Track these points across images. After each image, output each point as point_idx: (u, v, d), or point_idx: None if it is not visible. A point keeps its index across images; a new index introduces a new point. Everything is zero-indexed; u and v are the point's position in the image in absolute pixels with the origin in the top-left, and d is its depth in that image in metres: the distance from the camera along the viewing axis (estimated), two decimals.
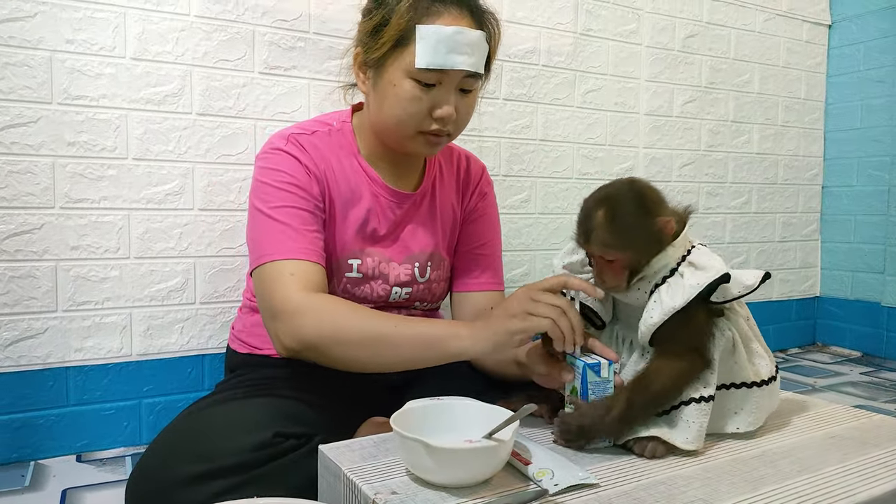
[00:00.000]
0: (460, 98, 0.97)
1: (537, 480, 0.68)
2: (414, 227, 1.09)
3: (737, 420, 0.83)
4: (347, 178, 1.04)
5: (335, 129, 1.06)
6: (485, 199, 1.17)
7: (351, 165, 1.05)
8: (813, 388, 1.91)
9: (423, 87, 0.94)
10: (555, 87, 1.84)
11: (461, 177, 1.16)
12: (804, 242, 2.44)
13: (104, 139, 1.34)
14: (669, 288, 0.79)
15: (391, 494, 0.66)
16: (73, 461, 1.32)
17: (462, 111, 0.98)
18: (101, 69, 1.33)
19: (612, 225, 0.78)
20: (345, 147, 1.05)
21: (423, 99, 0.95)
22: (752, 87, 2.24)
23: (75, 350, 1.34)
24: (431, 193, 1.12)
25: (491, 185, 1.21)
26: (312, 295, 0.90)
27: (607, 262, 0.81)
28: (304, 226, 0.96)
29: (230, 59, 1.43)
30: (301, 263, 0.92)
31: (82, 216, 1.33)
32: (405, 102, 0.95)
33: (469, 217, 1.16)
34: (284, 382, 0.97)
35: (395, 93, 0.96)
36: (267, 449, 0.80)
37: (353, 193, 1.04)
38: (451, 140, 1.03)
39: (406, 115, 0.96)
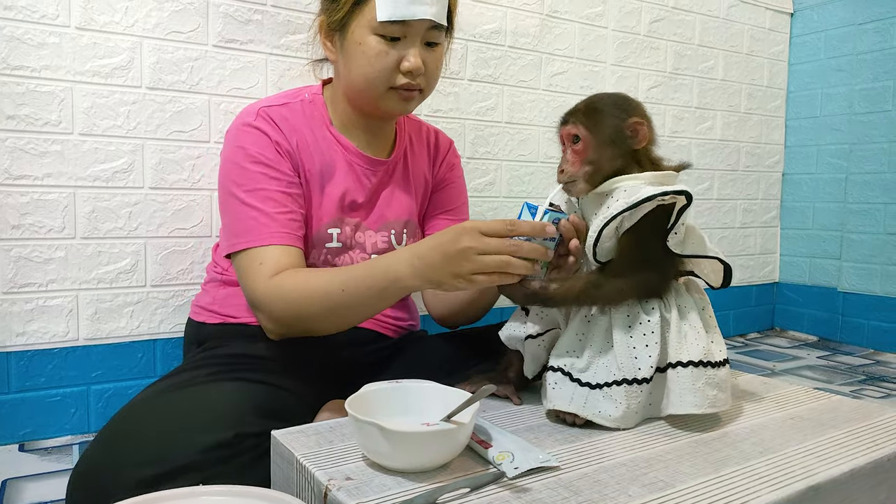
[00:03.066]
0: (427, 51, 0.98)
1: (497, 464, 0.66)
2: (389, 195, 1.10)
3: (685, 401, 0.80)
4: (321, 149, 1.04)
5: (307, 101, 1.06)
6: (453, 171, 1.19)
7: (324, 136, 1.04)
8: (772, 371, 1.94)
9: (388, 41, 0.94)
10: (521, 69, 1.82)
11: (430, 148, 1.18)
12: (764, 229, 2.47)
13: (47, 113, 1.27)
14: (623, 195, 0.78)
15: (345, 480, 0.63)
16: (16, 450, 1.26)
17: (430, 65, 0.98)
18: (43, 38, 1.25)
19: (587, 106, 0.83)
20: (317, 118, 1.05)
21: (389, 53, 0.95)
22: (717, 74, 2.25)
23: (17, 334, 1.27)
24: (404, 161, 1.12)
25: (458, 158, 1.23)
26: (275, 280, 0.92)
27: (573, 148, 0.82)
28: (276, 209, 0.96)
29: (182, 31, 1.36)
30: (270, 249, 0.94)
31: (24, 193, 1.26)
32: (372, 59, 0.95)
33: (438, 186, 1.18)
34: (256, 360, 0.94)
35: (361, 51, 0.96)
36: (226, 449, 0.75)
37: (328, 165, 1.04)
38: (424, 97, 1.03)
39: (375, 71, 0.96)
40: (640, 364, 0.78)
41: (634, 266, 0.80)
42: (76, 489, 0.73)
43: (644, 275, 0.80)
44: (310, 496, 0.65)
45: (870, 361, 2.08)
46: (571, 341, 0.82)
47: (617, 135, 0.81)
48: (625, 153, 0.82)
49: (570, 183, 0.82)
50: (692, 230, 0.84)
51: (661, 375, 0.80)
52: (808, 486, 0.66)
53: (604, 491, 0.62)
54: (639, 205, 0.76)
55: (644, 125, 0.82)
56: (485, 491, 0.61)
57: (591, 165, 0.81)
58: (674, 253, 0.80)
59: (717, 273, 0.86)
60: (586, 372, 0.80)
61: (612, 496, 0.61)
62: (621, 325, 0.80)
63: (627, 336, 0.79)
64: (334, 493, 0.61)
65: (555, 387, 0.80)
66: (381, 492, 0.61)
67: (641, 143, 0.82)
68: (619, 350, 0.79)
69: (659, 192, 0.76)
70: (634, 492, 0.63)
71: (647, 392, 0.79)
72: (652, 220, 0.78)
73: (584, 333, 0.82)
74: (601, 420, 0.78)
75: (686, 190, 0.77)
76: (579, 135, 0.81)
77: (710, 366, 0.79)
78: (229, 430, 0.75)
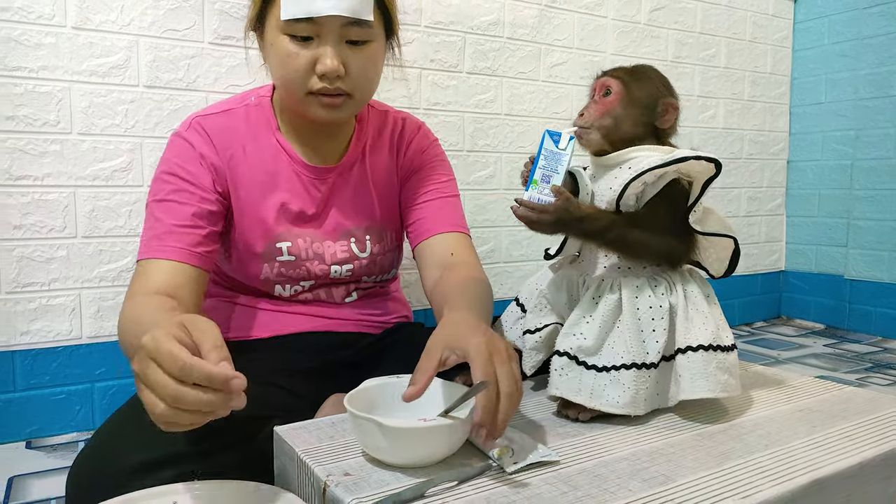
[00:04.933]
0: (351, 51, 0.87)
1: (496, 459, 0.66)
2: (345, 201, 1.02)
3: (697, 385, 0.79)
4: (264, 159, 0.97)
5: (252, 104, 0.99)
6: (423, 153, 1.08)
7: (269, 144, 0.98)
8: (776, 360, 1.94)
9: (299, 41, 0.86)
10: (519, 61, 1.81)
11: (395, 138, 1.08)
12: (769, 217, 2.46)
13: (46, 113, 1.27)
14: (637, 165, 0.77)
15: (344, 476, 0.63)
16: (23, 448, 1.27)
17: (355, 66, 0.88)
18: (40, 39, 1.25)
19: (633, 67, 0.83)
20: (263, 124, 0.98)
21: (300, 55, 0.86)
22: (719, 62, 2.23)
23: (21, 333, 1.28)
24: (361, 163, 1.04)
25: (431, 139, 1.10)
26: (137, 298, 0.84)
27: (602, 100, 0.81)
28: (177, 221, 0.89)
29: (178, 29, 1.36)
30: (154, 263, 0.87)
31: (24, 194, 1.27)
32: (284, 60, 0.87)
33: (408, 173, 1.08)
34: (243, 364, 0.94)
35: (275, 52, 0.88)
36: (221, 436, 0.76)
37: (271, 175, 0.97)
38: (357, 103, 0.92)
39: (288, 74, 0.87)
40: (648, 348, 0.78)
41: (660, 230, 0.79)
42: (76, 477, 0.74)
43: (669, 240, 0.79)
44: (310, 492, 0.65)
45: (877, 349, 2.07)
46: (578, 324, 0.81)
47: (649, 103, 0.81)
48: (647, 124, 0.81)
49: (585, 129, 0.81)
50: (710, 211, 0.83)
51: (668, 364, 0.80)
52: (813, 479, 0.65)
53: (603, 485, 0.62)
54: (672, 164, 0.76)
55: (676, 110, 0.83)
56: (483, 485, 0.61)
57: (613, 120, 0.80)
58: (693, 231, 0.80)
59: (723, 262, 0.85)
60: (594, 355, 0.79)
61: (611, 490, 0.61)
62: (630, 307, 0.79)
63: (636, 318, 0.78)
64: (332, 489, 0.61)
65: (561, 373, 0.79)
66: (379, 487, 0.61)
67: (666, 123, 0.82)
68: (628, 332, 0.78)
69: (693, 154, 0.75)
70: (635, 486, 0.62)
71: (654, 378, 0.78)
72: (673, 193, 0.78)
73: (591, 316, 0.81)
74: (609, 408, 0.77)
75: (716, 158, 0.77)
76: (612, 88, 0.81)
77: (720, 350, 0.78)
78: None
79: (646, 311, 0.78)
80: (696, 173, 0.78)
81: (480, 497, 0.59)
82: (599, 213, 0.78)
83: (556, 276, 0.89)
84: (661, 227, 0.79)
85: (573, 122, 0.83)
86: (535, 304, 0.89)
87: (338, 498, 0.59)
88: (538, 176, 0.78)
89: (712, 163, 0.76)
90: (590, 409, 0.78)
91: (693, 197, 0.78)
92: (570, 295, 0.87)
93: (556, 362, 0.80)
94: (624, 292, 0.80)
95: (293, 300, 1.03)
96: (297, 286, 1.02)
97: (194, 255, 0.89)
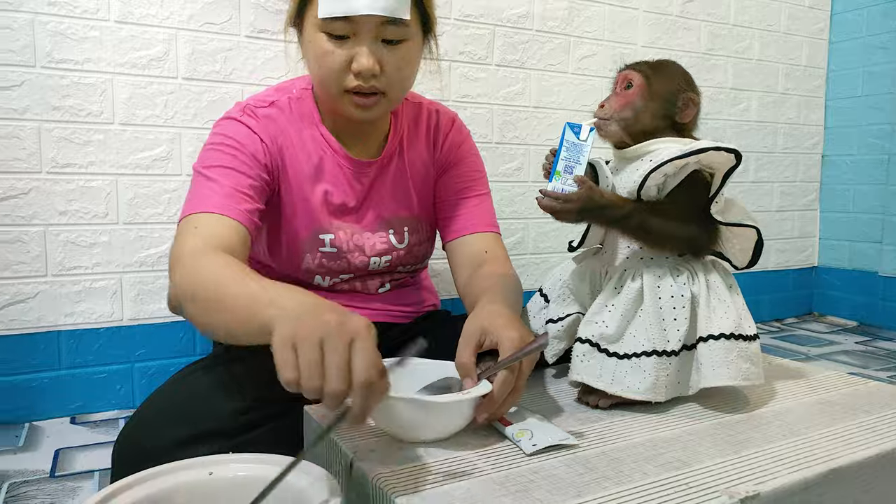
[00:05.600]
0: (386, 50, 0.88)
1: (516, 440, 0.68)
2: (384, 194, 1.04)
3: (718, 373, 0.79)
4: (308, 151, 0.99)
5: (294, 97, 1.00)
6: (459, 148, 1.10)
7: (312, 137, 0.99)
8: (806, 356, 1.92)
9: (336, 39, 0.87)
10: (549, 53, 1.81)
11: (431, 131, 1.09)
12: (802, 212, 2.42)
13: (90, 104, 1.32)
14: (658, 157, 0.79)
15: (369, 452, 0.66)
16: (68, 423, 1.33)
17: (390, 65, 0.89)
18: (85, 32, 1.31)
19: (656, 61, 0.85)
20: (306, 117, 0.99)
21: (336, 53, 0.87)
22: (752, 54, 2.20)
23: (66, 314, 1.34)
24: (399, 156, 1.06)
25: (465, 133, 1.12)
26: (200, 248, 0.80)
27: (623, 93, 0.83)
28: (235, 185, 0.88)
29: (216, 23, 1.40)
30: (212, 217, 0.84)
31: (70, 181, 1.32)
32: (321, 59, 0.88)
33: (444, 167, 1.10)
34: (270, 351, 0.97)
35: (312, 50, 0.89)
36: (247, 415, 0.80)
37: (315, 168, 0.99)
38: (391, 101, 0.93)
39: (324, 72, 0.89)
40: (669, 336, 0.79)
41: (681, 219, 0.80)
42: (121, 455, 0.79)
43: (691, 228, 0.81)
44: (337, 467, 0.68)
45: None
46: (601, 312, 0.82)
47: (669, 97, 0.82)
48: (666, 117, 0.83)
49: (605, 121, 0.83)
50: (732, 202, 0.84)
51: (689, 353, 0.81)
52: (830, 468, 0.65)
53: (619, 468, 0.64)
54: (692, 155, 0.77)
55: (696, 105, 0.84)
56: (502, 466, 0.64)
57: (633, 112, 0.82)
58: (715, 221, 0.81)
59: (746, 252, 0.86)
60: (615, 343, 0.80)
61: (626, 473, 0.63)
62: (651, 295, 0.80)
63: (657, 307, 0.79)
64: (358, 464, 0.64)
65: (583, 359, 0.81)
66: (402, 463, 0.63)
67: (685, 118, 0.83)
68: (649, 321, 0.79)
69: (712, 145, 0.77)
70: (650, 470, 0.64)
71: (675, 366, 0.79)
72: (694, 184, 0.79)
73: (613, 304, 0.82)
74: (629, 394, 0.78)
75: (736, 149, 0.78)
76: (634, 81, 0.82)
77: (742, 339, 0.79)
78: (251, 396, 0.81)
79: (667, 300, 0.80)
80: (717, 164, 0.79)
81: (499, 476, 0.62)
82: (622, 201, 0.80)
83: (579, 267, 0.90)
84: (683, 215, 0.80)
85: (594, 113, 0.84)
86: (558, 294, 0.90)
87: (363, 473, 0.62)
88: (561, 167, 0.79)
89: (732, 153, 0.77)
90: (610, 396, 0.79)
91: (714, 188, 0.79)
92: (592, 285, 0.89)
93: (578, 349, 0.82)
94: (646, 281, 0.81)
95: (329, 290, 1.06)
96: (336, 278, 1.05)
97: (252, 222, 0.88)
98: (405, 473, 0.61)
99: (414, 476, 0.61)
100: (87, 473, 1.13)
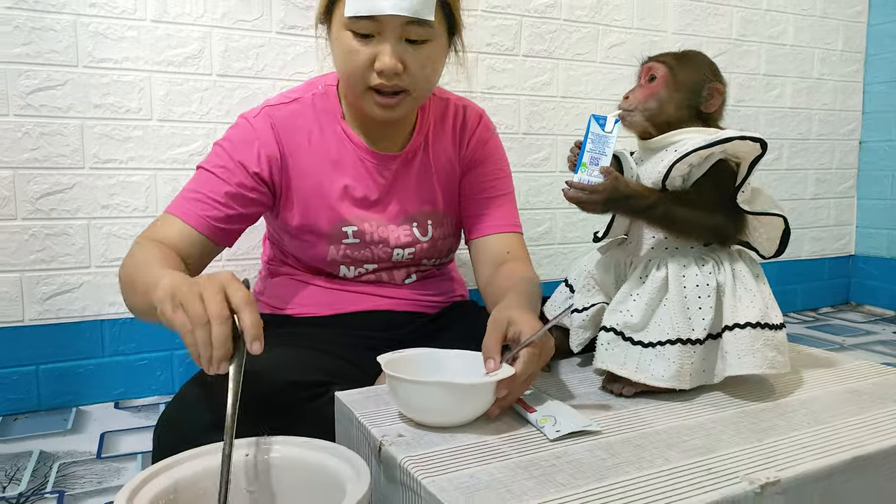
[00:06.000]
0: (410, 49, 0.90)
1: (540, 427, 0.70)
2: (407, 189, 1.06)
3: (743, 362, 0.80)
4: (328, 146, 1.02)
5: (319, 93, 1.03)
6: (485, 146, 1.12)
7: (334, 132, 1.02)
8: (841, 346, 1.89)
9: (361, 38, 0.89)
10: (576, 42, 1.81)
11: (457, 128, 1.11)
12: (839, 200, 2.37)
13: (129, 101, 1.37)
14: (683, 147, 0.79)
15: (397, 437, 0.68)
16: (112, 407, 1.40)
17: (414, 63, 0.91)
18: (123, 32, 1.35)
19: (680, 52, 0.85)
20: (329, 112, 1.02)
21: (361, 51, 0.90)
22: (786, 39, 2.16)
23: (109, 304, 1.40)
24: (424, 151, 1.07)
25: (491, 129, 1.14)
26: (145, 243, 0.91)
27: (647, 85, 0.83)
28: (209, 193, 0.95)
29: (248, 20, 1.44)
30: (172, 219, 0.94)
31: (111, 176, 1.38)
32: (346, 56, 0.91)
33: (469, 165, 1.11)
34: (305, 338, 1.01)
35: (338, 47, 0.92)
36: (283, 396, 0.84)
37: (335, 162, 1.02)
38: (414, 100, 0.95)
39: (349, 69, 0.92)
40: (694, 325, 0.79)
41: (706, 208, 0.80)
42: (161, 437, 0.83)
43: (716, 217, 0.81)
44: (367, 450, 0.71)
45: None
46: (625, 301, 0.83)
47: (693, 87, 0.82)
48: (690, 107, 0.83)
49: (629, 112, 0.83)
50: (759, 190, 0.84)
51: (715, 342, 0.81)
52: (854, 456, 0.65)
53: (641, 454, 0.65)
54: (716, 145, 0.77)
55: (721, 95, 0.83)
56: (525, 451, 0.65)
57: (657, 103, 0.82)
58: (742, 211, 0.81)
59: (773, 241, 0.85)
60: (639, 332, 0.81)
61: (648, 459, 0.64)
62: (676, 284, 0.80)
63: (682, 296, 0.80)
64: (387, 448, 0.66)
65: (607, 347, 0.81)
66: (429, 447, 0.66)
67: (710, 108, 0.83)
68: (673, 309, 0.80)
69: (737, 134, 0.77)
70: (672, 456, 0.65)
71: (700, 355, 0.80)
72: (720, 174, 0.79)
73: (637, 293, 0.83)
74: (654, 381, 0.78)
75: (762, 138, 0.78)
76: (657, 74, 0.83)
77: (769, 328, 0.79)
78: (286, 378, 0.84)
79: (692, 289, 0.80)
80: (742, 154, 0.79)
81: (523, 460, 0.63)
82: (647, 191, 0.81)
83: (604, 258, 0.91)
84: (708, 205, 0.80)
85: (618, 105, 0.85)
86: (583, 284, 0.91)
87: (392, 456, 0.65)
88: (586, 159, 0.80)
89: (758, 143, 0.77)
90: (634, 384, 0.80)
91: (741, 177, 0.79)
92: (617, 275, 0.90)
93: (603, 337, 0.83)
94: (670, 270, 0.81)
95: (356, 281, 1.09)
96: (360, 268, 1.07)
97: (212, 227, 0.95)
98: (432, 457, 0.64)
99: (440, 460, 0.63)
100: (130, 455, 1.19)
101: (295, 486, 0.66)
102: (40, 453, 1.19)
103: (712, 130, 0.82)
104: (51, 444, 1.23)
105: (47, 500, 1.04)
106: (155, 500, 0.59)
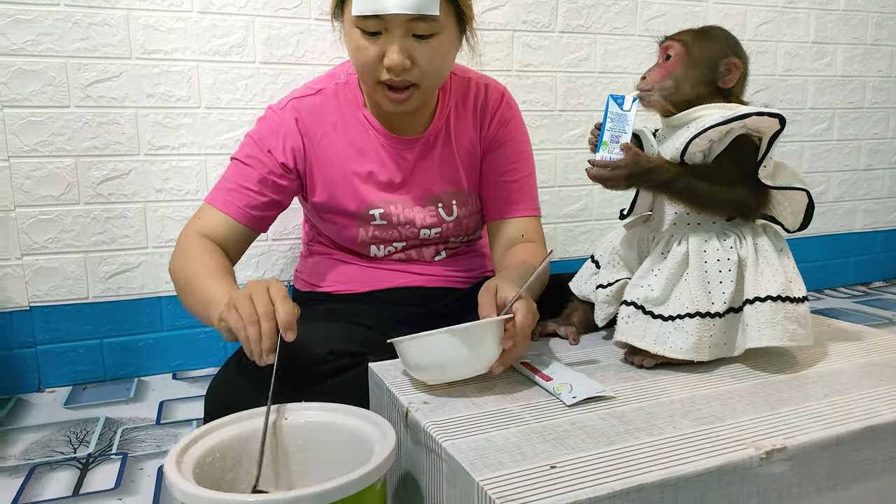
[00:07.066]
0: (418, 44, 0.92)
1: (557, 394, 0.73)
2: (431, 169, 1.09)
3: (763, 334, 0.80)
4: (351, 134, 1.06)
5: (341, 83, 1.07)
6: (506, 126, 1.12)
7: (357, 120, 1.06)
8: (890, 321, 1.84)
9: (369, 35, 0.92)
10: (614, 16, 1.79)
11: (478, 108, 1.12)
12: (893, 170, 2.28)
13: (178, 90, 1.45)
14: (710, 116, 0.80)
15: (422, 404, 0.73)
16: (170, 378, 1.50)
17: (422, 57, 0.93)
18: (171, 24, 1.42)
19: (698, 28, 0.86)
20: (350, 101, 1.06)
21: (369, 48, 0.92)
22: (838, 4, 2.08)
23: (166, 282, 1.49)
24: (446, 132, 1.10)
25: (514, 109, 1.14)
26: (192, 237, 0.99)
27: (664, 64, 0.84)
28: (243, 182, 1.02)
29: (288, 8, 1.49)
30: (213, 210, 1.01)
31: (164, 162, 1.46)
32: (356, 53, 0.95)
33: (490, 146, 1.12)
34: (342, 313, 1.07)
35: (349, 43, 0.96)
36: (322, 365, 0.90)
37: (359, 149, 1.06)
38: (425, 92, 0.98)
39: (359, 65, 0.95)
40: (714, 298, 0.80)
41: (727, 182, 0.81)
42: (210, 402, 0.91)
43: (738, 191, 0.82)
44: (395, 416, 0.76)
45: None
46: (646, 276, 0.85)
47: (710, 62, 0.83)
48: (709, 83, 0.83)
49: (647, 91, 0.84)
50: (781, 165, 0.84)
51: (736, 316, 0.82)
52: (866, 426, 0.66)
53: (653, 422, 0.68)
54: (734, 121, 0.78)
55: (739, 69, 0.83)
56: (541, 417, 0.69)
57: (673, 82, 0.83)
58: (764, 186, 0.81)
59: (797, 215, 0.86)
60: (660, 305, 0.82)
61: (659, 426, 0.67)
62: (696, 258, 0.82)
63: (702, 270, 0.81)
64: (413, 414, 0.71)
65: (627, 321, 0.84)
66: (452, 413, 0.70)
67: (728, 83, 0.83)
68: (694, 283, 0.81)
69: (754, 110, 0.78)
70: (682, 424, 0.67)
71: (720, 328, 0.81)
72: (740, 149, 0.80)
73: (659, 268, 0.84)
74: (672, 353, 0.80)
75: (780, 114, 0.78)
76: (672, 52, 0.84)
77: (790, 301, 0.80)
78: (323, 349, 0.90)
79: (713, 263, 0.82)
80: (764, 128, 0.79)
81: (539, 426, 0.67)
82: (668, 164, 0.82)
83: (628, 234, 0.93)
84: (728, 179, 0.81)
85: (636, 85, 0.86)
86: (608, 260, 0.94)
87: (416, 421, 0.70)
88: (607, 137, 0.82)
89: (776, 118, 0.78)
90: (654, 356, 0.83)
91: (762, 152, 0.80)
92: (640, 251, 0.92)
93: (624, 311, 0.85)
94: (691, 245, 0.83)
95: (387, 259, 1.14)
96: (390, 247, 1.12)
97: (249, 215, 1.02)
98: (453, 422, 0.68)
99: (461, 424, 0.68)
100: (186, 422, 1.28)
101: (330, 447, 0.73)
102: (106, 419, 1.30)
103: (732, 106, 0.82)
104: (115, 411, 1.33)
105: (112, 461, 1.14)
106: (202, 458, 0.66)
